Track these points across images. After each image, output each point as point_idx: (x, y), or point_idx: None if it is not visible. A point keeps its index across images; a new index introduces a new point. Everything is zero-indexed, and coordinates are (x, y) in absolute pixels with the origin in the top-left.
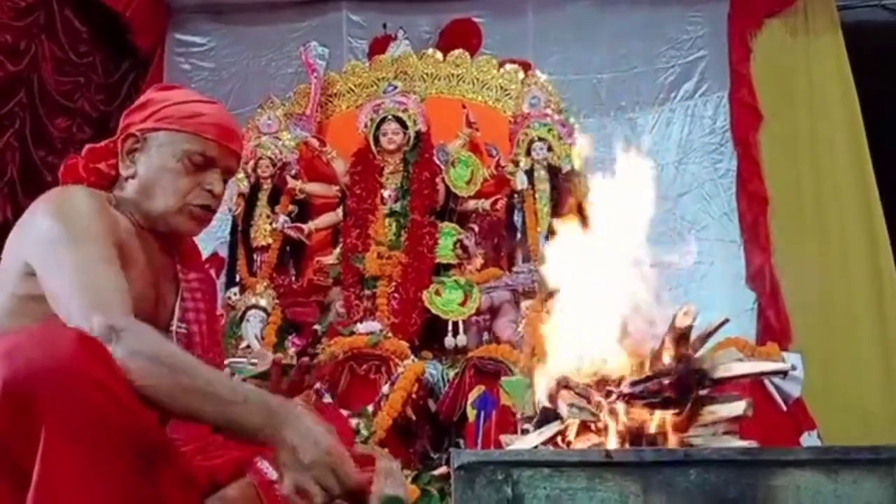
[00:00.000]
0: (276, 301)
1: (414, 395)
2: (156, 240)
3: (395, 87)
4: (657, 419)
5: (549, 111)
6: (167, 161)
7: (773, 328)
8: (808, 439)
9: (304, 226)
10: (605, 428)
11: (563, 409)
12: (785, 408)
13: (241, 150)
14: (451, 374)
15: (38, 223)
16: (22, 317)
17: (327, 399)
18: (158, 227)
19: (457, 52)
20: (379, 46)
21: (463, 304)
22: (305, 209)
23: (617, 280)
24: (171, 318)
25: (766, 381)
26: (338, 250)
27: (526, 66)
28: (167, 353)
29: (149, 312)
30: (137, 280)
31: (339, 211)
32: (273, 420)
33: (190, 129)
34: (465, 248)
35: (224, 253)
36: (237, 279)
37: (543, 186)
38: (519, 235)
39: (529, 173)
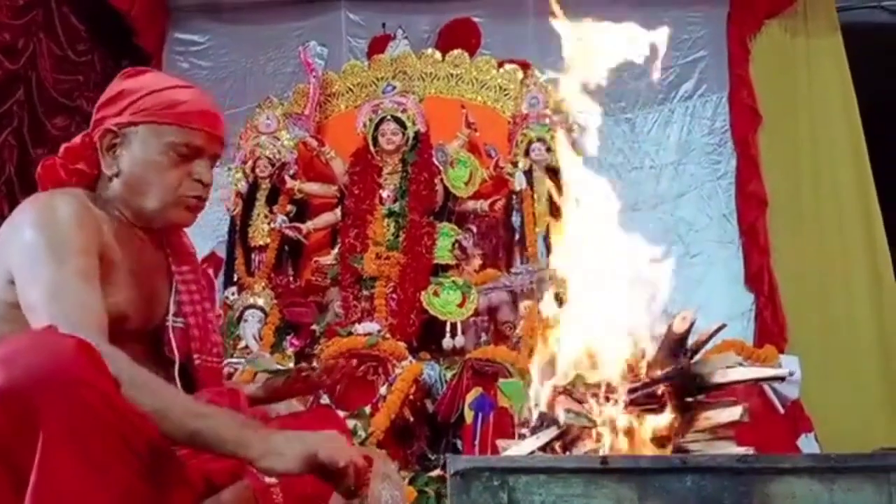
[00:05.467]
0: (274, 301)
1: (412, 397)
2: (146, 235)
3: (394, 87)
4: (654, 425)
5: (548, 112)
6: (151, 155)
7: (771, 330)
8: (806, 441)
9: (302, 226)
10: (602, 434)
11: (559, 415)
12: (782, 410)
13: (225, 134)
14: (449, 375)
15: (20, 232)
16: (9, 322)
17: (325, 400)
18: (153, 224)
19: (456, 51)
20: (378, 46)
21: (461, 305)
22: (304, 209)
23: (618, 281)
24: (167, 313)
25: (764, 384)
26: (336, 250)
27: (525, 67)
28: (135, 379)
29: (142, 311)
30: (125, 282)
31: (338, 211)
32: (242, 436)
33: (171, 121)
34: (463, 249)
35: (222, 253)
36: (235, 279)
37: (542, 187)
38: (517, 236)
39: (528, 174)
